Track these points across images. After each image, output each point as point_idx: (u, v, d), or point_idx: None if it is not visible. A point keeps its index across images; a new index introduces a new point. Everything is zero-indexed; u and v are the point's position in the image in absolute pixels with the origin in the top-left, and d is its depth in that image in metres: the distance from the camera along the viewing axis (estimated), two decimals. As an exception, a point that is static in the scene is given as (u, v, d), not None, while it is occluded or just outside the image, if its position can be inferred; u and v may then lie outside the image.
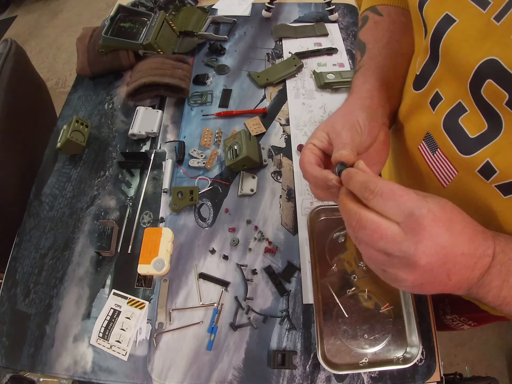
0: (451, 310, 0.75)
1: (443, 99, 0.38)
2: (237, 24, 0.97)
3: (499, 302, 0.32)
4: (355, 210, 0.31)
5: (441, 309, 0.78)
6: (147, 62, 0.81)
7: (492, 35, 0.29)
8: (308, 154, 0.39)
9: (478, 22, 0.30)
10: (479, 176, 0.36)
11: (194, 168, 0.72)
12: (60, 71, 2.27)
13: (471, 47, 0.31)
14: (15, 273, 0.63)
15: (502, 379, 1.26)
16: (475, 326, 0.76)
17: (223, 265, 0.62)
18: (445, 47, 0.34)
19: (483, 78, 0.31)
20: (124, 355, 0.55)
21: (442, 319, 0.79)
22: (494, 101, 0.31)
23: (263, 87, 0.84)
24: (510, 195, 0.35)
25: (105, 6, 2.57)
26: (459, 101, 0.36)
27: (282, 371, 0.54)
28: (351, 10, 1.00)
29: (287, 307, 0.58)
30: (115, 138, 0.78)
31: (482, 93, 0.32)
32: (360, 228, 0.30)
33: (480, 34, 0.30)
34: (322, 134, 0.40)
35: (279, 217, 0.66)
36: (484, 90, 0.31)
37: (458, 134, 0.37)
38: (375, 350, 0.53)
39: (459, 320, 0.76)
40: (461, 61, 0.32)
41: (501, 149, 0.33)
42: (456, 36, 0.32)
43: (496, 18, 0.29)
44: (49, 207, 0.70)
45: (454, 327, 0.79)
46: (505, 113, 0.31)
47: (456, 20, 0.32)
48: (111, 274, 0.62)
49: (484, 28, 0.30)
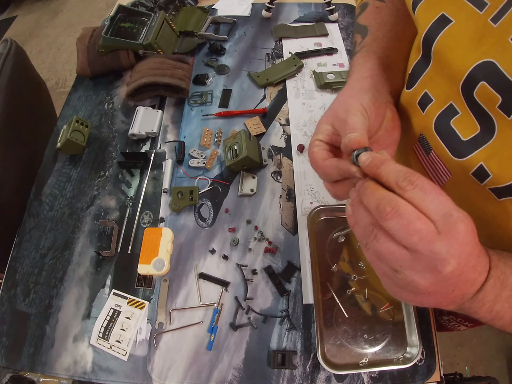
0: (447, 311, 0.75)
1: (433, 100, 0.38)
2: (237, 24, 0.97)
3: (491, 317, 0.31)
4: (392, 197, 0.27)
5: (438, 309, 0.78)
6: (147, 62, 0.81)
7: (489, 37, 0.29)
8: (318, 152, 0.36)
9: (474, 23, 0.30)
10: (473, 178, 0.36)
11: (194, 168, 0.72)
12: (60, 71, 2.27)
13: (466, 48, 0.31)
14: (15, 273, 0.63)
15: (502, 379, 1.26)
16: (472, 326, 0.75)
17: (223, 265, 0.62)
18: (438, 47, 0.34)
19: (476, 81, 0.30)
20: (124, 355, 0.55)
21: (439, 319, 0.79)
22: (486, 104, 0.31)
23: (263, 87, 0.84)
24: (504, 198, 0.34)
25: (105, 6, 2.57)
26: (451, 102, 0.35)
27: (282, 371, 0.54)
28: (351, 10, 1.00)
29: (287, 307, 0.58)
30: (115, 138, 0.78)
31: (474, 95, 0.31)
32: (395, 216, 0.27)
33: (476, 36, 0.30)
34: (326, 127, 0.38)
35: (279, 217, 0.66)
36: (476, 92, 0.31)
37: (450, 136, 0.36)
38: (375, 350, 0.53)
39: (455, 321, 0.76)
40: (455, 62, 0.32)
41: (495, 152, 0.32)
42: (451, 36, 0.32)
43: (493, 20, 0.28)
44: (49, 207, 0.70)
45: (451, 327, 0.79)
46: (498, 116, 0.30)
47: (452, 21, 0.32)
48: (111, 274, 0.62)
49: (480, 30, 0.29)
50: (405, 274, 0.28)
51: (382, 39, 0.47)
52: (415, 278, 0.27)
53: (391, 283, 0.31)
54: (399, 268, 0.28)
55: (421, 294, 0.29)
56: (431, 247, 0.26)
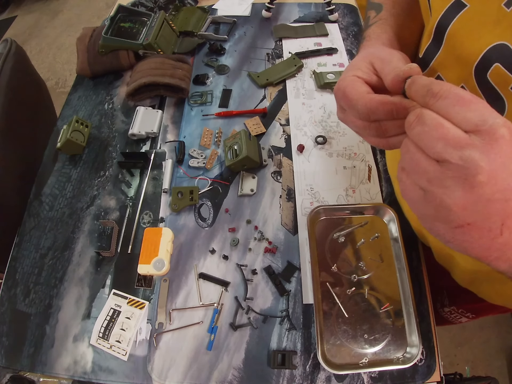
0: (449, 301, 0.75)
1: None
2: (237, 24, 0.97)
3: None
4: (416, 107, 0.27)
5: (439, 301, 0.78)
6: (147, 62, 0.81)
7: (502, 21, 0.30)
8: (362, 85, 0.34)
9: (488, 8, 0.31)
10: None
11: (194, 168, 0.72)
12: (60, 71, 2.27)
13: (480, 31, 0.32)
14: (15, 273, 0.63)
15: (502, 379, 1.26)
16: (473, 318, 0.75)
17: (223, 265, 0.62)
18: (452, 31, 0.34)
19: (491, 62, 0.31)
20: (124, 355, 0.55)
21: (440, 312, 0.79)
22: (499, 85, 0.31)
23: (263, 87, 0.84)
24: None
25: (105, 6, 2.57)
26: (462, 85, 0.36)
27: (282, 371, 0.54)
28: (351, 10, 1.00)
29: (287, 307, 0.58)
30: (115, 138, 0.78)
31: (488, 76, 0.32)
32: (418, 124, 0.25)
33: (491, 20, 0.31)
34: (366, 65, 0.36)
35: (279, 217, 0.66)
36: (490, 73, 0.31)
37: None
38: (375, 350, 0.53)
39: (457, 313, 0.76)
40: (469, 45, 0.33)
41: None
42: (466, 20, 0.33)
43: (506, 5, 0.29)
44: (49, 207, 0.70)
45: (452, 320, 0.79)
46: (510, 97, 0.31)
47: (467, 5, 0.32)
48: (111, 274, 0.62)
49: (494, 14, 0.30)
50: (435, 193, 0.25)
51: (398, 17, 0.46)
52: (445, 198, 0.24)
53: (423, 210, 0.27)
54: (428, 185, 0.25)
55: (459, 228, 0.25)
56: (460, 152, 0.23)
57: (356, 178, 0.69)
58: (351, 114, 0.36)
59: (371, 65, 0.36)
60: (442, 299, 0.77)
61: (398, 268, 0.58)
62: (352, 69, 0.36)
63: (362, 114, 0.34)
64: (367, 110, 0.33)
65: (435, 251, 0.60)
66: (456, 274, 0.58)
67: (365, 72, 0.36)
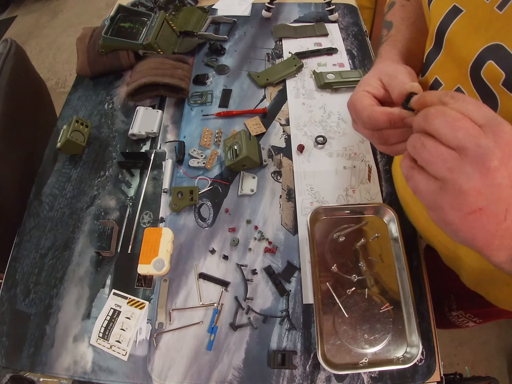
0: (456, 306, 0.75)
1: (443, 84, 0.40)
2: (237, 24, 0.97)
3: None
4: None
5: (447, 305, 0.78)
6: (147, 62, 0.81)
7: (496, 22, 0.32)
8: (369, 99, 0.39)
9: (482, 11, 0.33)
10: None
11: (194, 168, 0.72)
12: (60, 71, 2.26)
13: (475, 33, 0.34)
14: (15, 273, 0.63)
15: (502, 379, 1.26)
16: (480, 323, 0.75)
17: (223, 265, 0.62)
18: (450, 35, 0.37)
19: (485, 60, 0.33)
20: (124, 355, 0.55)
21: (448, 315, 0.79)
22: (492, 81, 0.33)
23: (263, 87, 0.84)
24: None
25: (105, 6, 2.57)
26: (458, 86, 0.38)
27: (282, 371, 0.54)
28: (351, 10, 1.00)
29: (287, 307, 0.58)
30: (115, 138, 0.78)
31: (482, 74, 0.34)
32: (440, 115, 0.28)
33: (485, 22, 0.33)
34: (375, 81, 0.40)
35: (279, 217, 0.66)
36: (484, 71, 0.33)
37: None
38: (375, 350, 0.53)
39: (464, 317, 0.76)
40: (465, 47, 0.35)
41: None
42: (462, 24, 0.35)
43: (499, 7, 0.31)
44: (49, 207, 0.70)
45: (459, 324, 0.79)
46: (501, 93, 0.33)
47: (462, 10, 0.35)
48: (111, 274, 0.62)
49: (487, 17, 0.32)
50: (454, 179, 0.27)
51: (405, 31, 0.50)
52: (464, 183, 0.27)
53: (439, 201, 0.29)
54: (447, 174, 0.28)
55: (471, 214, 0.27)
56: (477, 140, 0.26)
57: (356, 178, 0.69)
58: (360, 124, 0.41)
59: (380, 80, 0.40)
60: (450, 303, 0.77)
61: (398, 268, 0.58)
62: (363, 84, 0.41)
63: (367, 124, 0.38)
64: (370, 120, 0.37)
65: (442, 253, 0.60)
66: (463, 276, 0.59)
67: (374, 87, 0.40)
